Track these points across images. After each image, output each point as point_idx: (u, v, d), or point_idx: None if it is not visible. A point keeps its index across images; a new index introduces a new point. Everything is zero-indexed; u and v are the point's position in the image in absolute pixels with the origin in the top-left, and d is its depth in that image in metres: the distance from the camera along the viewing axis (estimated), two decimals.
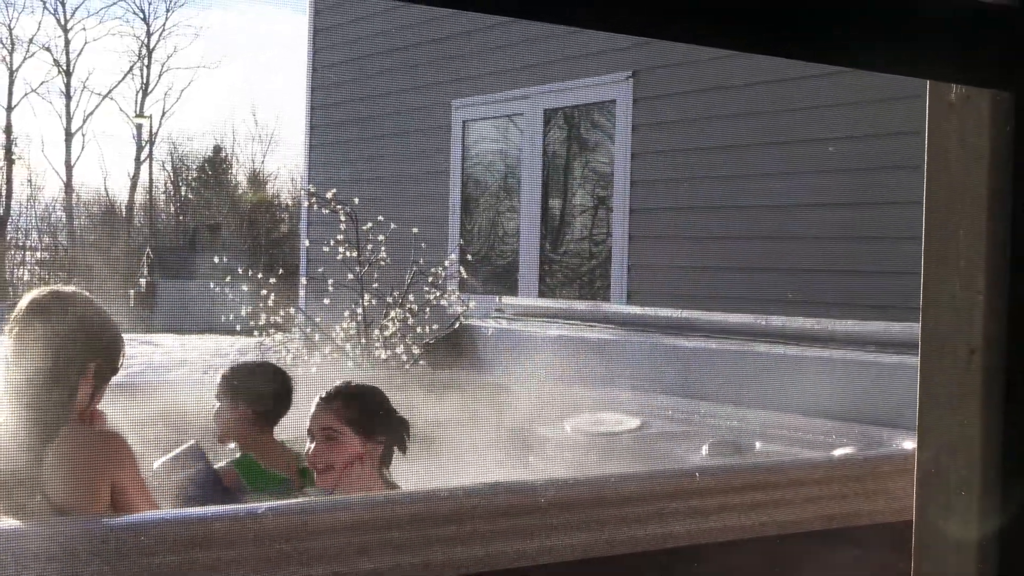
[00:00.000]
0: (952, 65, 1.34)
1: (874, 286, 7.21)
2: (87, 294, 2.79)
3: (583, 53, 9.52)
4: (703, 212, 8.67)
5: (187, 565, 2.04)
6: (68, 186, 36.45)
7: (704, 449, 4.18)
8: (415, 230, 9.08)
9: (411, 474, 3.48)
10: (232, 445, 3.75)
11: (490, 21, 10.14)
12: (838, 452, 3.65)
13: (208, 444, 3.68)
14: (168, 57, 49.19)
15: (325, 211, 9.16)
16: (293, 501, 2.70)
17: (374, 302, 8.79)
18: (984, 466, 1.33)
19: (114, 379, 2.84)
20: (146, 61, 38.46)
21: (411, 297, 8.73)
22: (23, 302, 2.69)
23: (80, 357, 2.66)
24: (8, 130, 35.95)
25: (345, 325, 8.86)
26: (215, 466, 3.62)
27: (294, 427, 3.70)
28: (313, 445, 3.32)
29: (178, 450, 3.58)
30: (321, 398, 3.38)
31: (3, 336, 2.66)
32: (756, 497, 2.89)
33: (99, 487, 2.57)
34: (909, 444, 1.31)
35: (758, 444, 4.14)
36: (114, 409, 2.91)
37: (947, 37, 1.31)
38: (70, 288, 2.79)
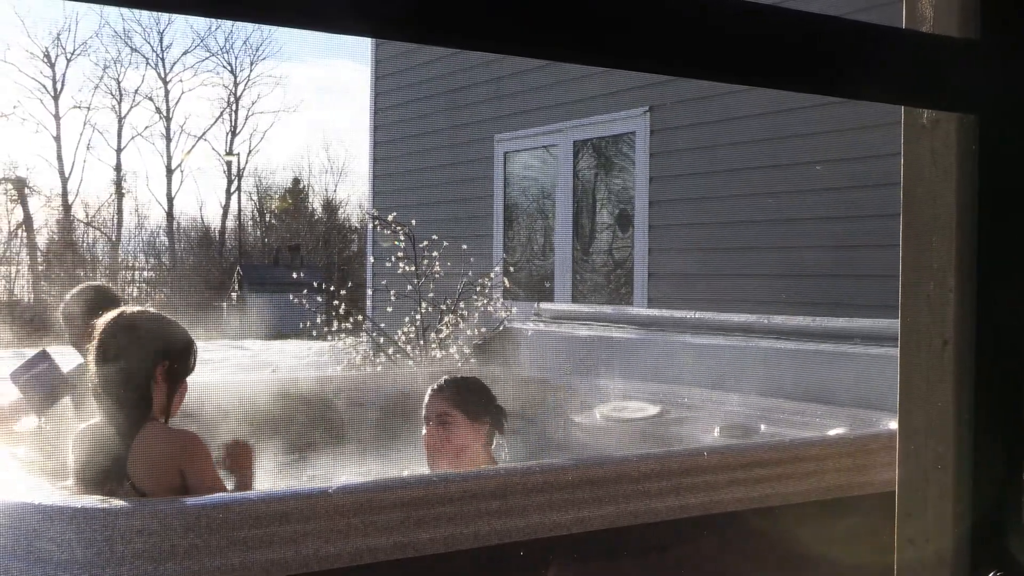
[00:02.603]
0: (924, 92, 1.32)
1: (860, 288, 7.16)
2: (153, 310, 2.86)
3: (606, 92, 9.51)
4: (712, 227, 8.63)
5: (268, 538, 2.05)
6: (169, 215, 36.83)
7: (716, 431, 4.16)
8: (464, 247, 9.10)
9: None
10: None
11: (527, 65, 10.15)
12: (832, 432, 3.62)
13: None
14: (253, 103, 49.72)
15: (387, 232, 9.20)
16: (361, 481, 2.69)
17: (430, 309, 8.82)
18: (957, 442, 1.32)
19: (206, 378, 2.88)
20: (234, 107, 38.83)
21: (462, 304, 8.75)
22: (99, 322, 2.76)
23: (148, 362, 2.69)
24: (118, 168, 36.38)
25: (405, 329, 8.89)
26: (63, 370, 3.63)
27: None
28: (429, 429, 3.32)
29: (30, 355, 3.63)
30: (434, 388, 3.39)
31: (89, 352, 2.72)
32: (761, 472, 2.87)
33: (173, 478, 2.59)
34: (893, 425, 1.29)
35: (763, 426, 4.11)
36: (204, 402, 2.94)
37: (920, 68, 1.30)
38: (137, 307, 2.86)
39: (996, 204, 1.33)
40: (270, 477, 3.47)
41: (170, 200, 37.03)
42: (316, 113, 61.78)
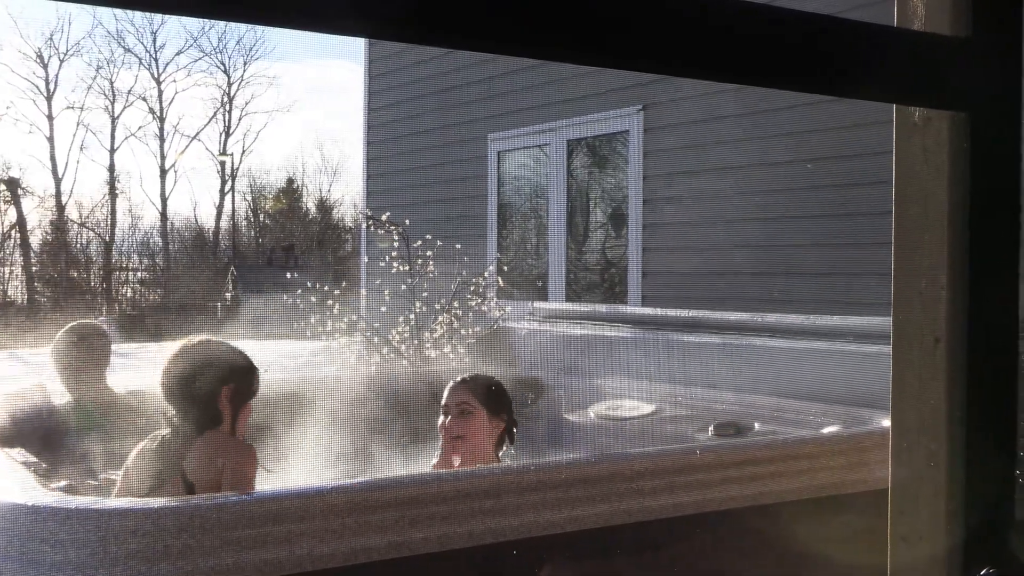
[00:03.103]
0: (919, 91, 1.33)
1: (852, 286, 7.17)
2: (218, 339, 3.08)
3: (600, 91, 9.51)
4: (706, 226, 8.64)
5: (262, 538, 2.04)
6: (163, 215, 36.76)
7: (710, 430, 4.15)
8: (458, 246, 9.09)
9: None
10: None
11: (520, 64, 10.15)
12: (826, 430, 3.62)
13: None
14: (246, 103, 49.69)
15: (381, 231, 9.19)
16: (356, 481, 2.69)
17: (424, 309, 8.81)
18: (949, 440, 1.32)
19: None
20: (227, 107, 38.79)
21: (456, 304, 8.75)
22: (170, 351, 3.00)
23: (214, 385, 2.92)
24: (112, 168, 36.30)
25: (400, 329, 8.88)
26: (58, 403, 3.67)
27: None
28: (448, 418, 3.38)
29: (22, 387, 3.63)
30: (457, 380, 3.46)
31: (161, 376, 2.95)
32: (755, 470, 2.87)
33: (218, 478, 2.77)
34: (886, 422, 1.29)
35: (756, 425, 4.11)
36: None
37: (915, 66, 1.30)
38: (205, 336, 3.08)
39: (987, 202, 1.33)
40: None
41: (164, 200, 36.98)
42: (310, 113, 61.79)
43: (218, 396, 2.91)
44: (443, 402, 3.43)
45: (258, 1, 0.93)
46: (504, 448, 3.46)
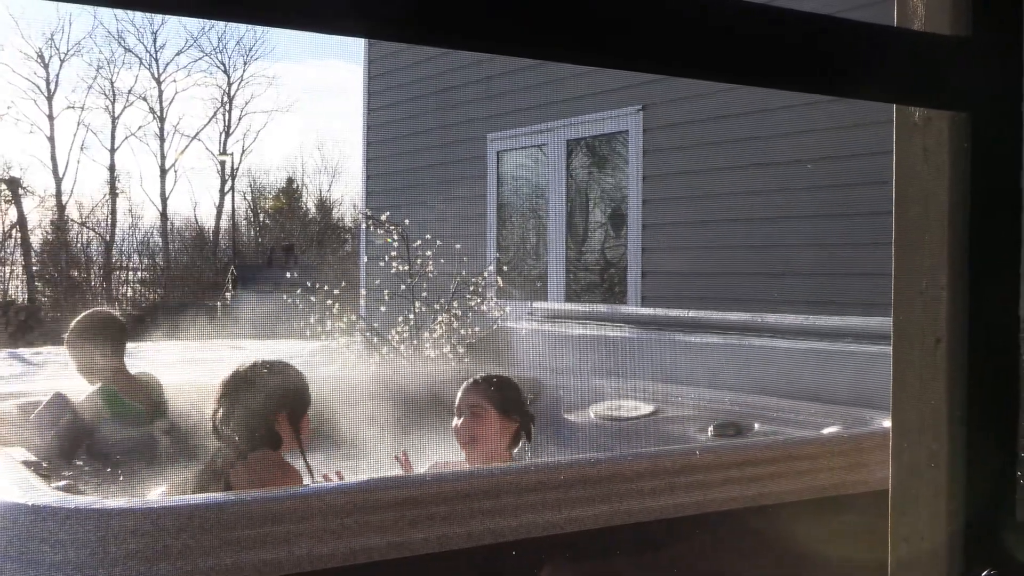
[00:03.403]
0: (919, 91, 1.32)
1: (852, 286, 7.16)
2: (280, 360, 3.13)
3: (599, 91, 9.51)
4: (705, 226, 8.64)
5: (261, 538, 2.04)
6: (163, 215, 36.76)
7: (710, 430, 4.15)
8: (458, 246, 9.09)
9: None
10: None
11: (519, 64, 10.15)
12: (826, 431, 3.62)
13: None
14: (246, 103, 49.65)
15: (380, 231, 9.19)
16: (354, 482, 2.69)
17: (423, 309, 8.81)
18: (950, 440, 1.31)
19: (204, 379, 3.01)
20: (227, 107, 38.79)
21: (455, 304, 8.74)
22: (231, 372, 3.04)
23: (269, 409, 2.97)
24: (112, 168, 36.30)
25: (399, 329, 8.88)
26: (80, 399, 3.66)
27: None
28: (461, 420, 3.40)
29: (45, 400, 3.61)
30: (471, 381, 3.48)
31: (221, 397, 2.99)
32: (755, 471, 2.86)
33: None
34: (886, 423, 1.29)
35: (757, 425, 4.11)
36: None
37: (915, 66, 1.30)
38: (267, 359, 3.11)
39: (988, 202, 1.33)
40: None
41: (164, 200, 36.98)
42: (310, 113, 61.79)
43: (274, 423, 2.96)
44: (456, 404, 3.45)
45: (257, 1, 0.93)
46: (519, 446, 3.47)
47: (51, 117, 35.96)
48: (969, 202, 1.32)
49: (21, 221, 32.00)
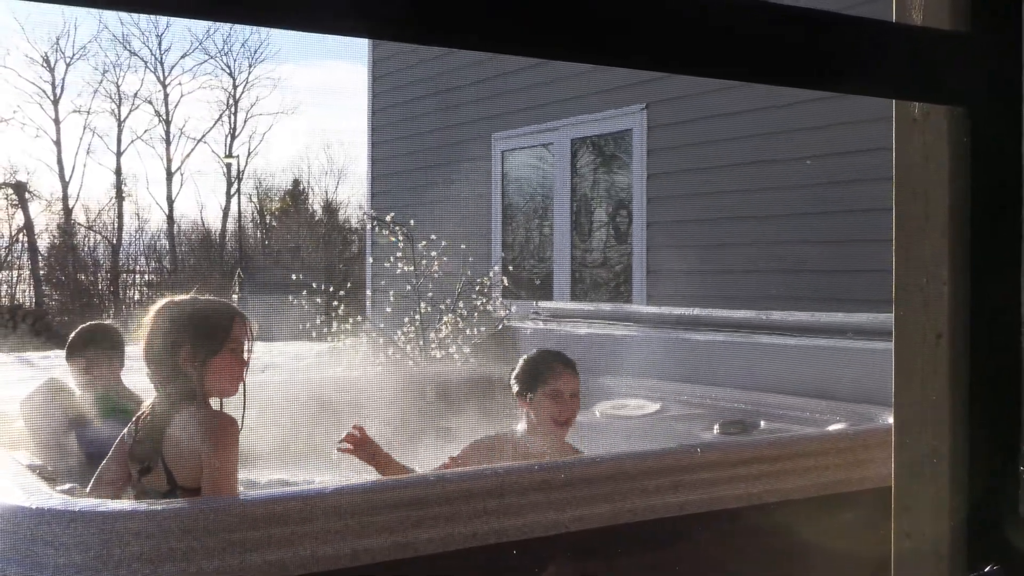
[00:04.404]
0: (916, 86, 1.32)
1: (855, 282, 7.15)
2: (179, 296, 2.71)
3: (603, 89, 9.50)
4: (710, 223, 8.63)
5: (265, 540, 2.04)
6: (170, 218, 36.78)
7: (715, 428, 4.15)
8: (463, 246, 9.09)
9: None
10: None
11: (523, 63, 10.15)
12: (831, 428, 3.61)
13: None
14: (252, 105, 49.58)
15: (385, 232, 9.19)
16: (359, 482, 2.68)
17: (429, 309, 8.81)
18: (952, 436, 1.31)
19: None
20: (233, 110, 38.76)
21: (461, 304, 8.75)
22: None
23: (168, 345, 2.58)
24: (118, 172, 36.32)
25: (405, 329, 8.88)
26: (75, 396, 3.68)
27: None
28: (561, 404, 3.31)
29: (40, 384, 3.62)
30: (566, 365, 3.41)
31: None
32: (760, 468, 2.86)
33: (197, 459, 2.47)
34: (891, 419, 1.29)
35: (762, 422, 4.11)
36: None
37: (913, 62, 1.30)
38: (166, 298, 2.72)
39: (988, 197, 1.32)
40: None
41: (170, 203, 36.99)
42: (315, 115, 61.87)
43: (177, 360, 2.56)
44: (552, 386, 3.33)
45: (258, 2, 0.93)
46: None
47: (57, 121, 36.00)
48: (970, 197, 1.32)
49: (28, 225, 32.06)
